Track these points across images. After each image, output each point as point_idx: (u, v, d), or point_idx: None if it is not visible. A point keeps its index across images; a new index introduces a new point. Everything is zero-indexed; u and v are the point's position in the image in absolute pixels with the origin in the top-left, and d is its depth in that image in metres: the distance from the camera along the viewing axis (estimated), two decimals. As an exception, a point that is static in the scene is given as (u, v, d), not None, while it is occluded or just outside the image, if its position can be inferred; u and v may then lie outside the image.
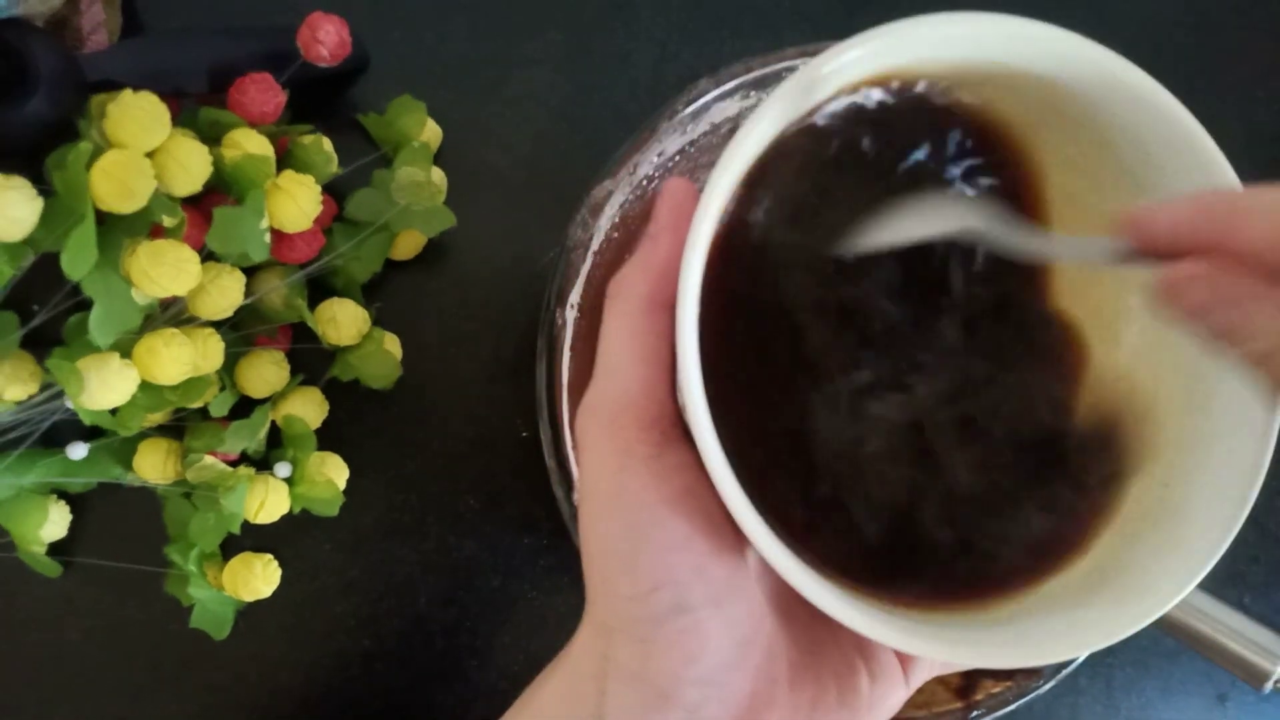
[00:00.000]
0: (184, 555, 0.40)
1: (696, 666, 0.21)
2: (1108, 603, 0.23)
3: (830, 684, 0.23)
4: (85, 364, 0.34)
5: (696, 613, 0.21)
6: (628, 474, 0.22)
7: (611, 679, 0.22)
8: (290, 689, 0.42)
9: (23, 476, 0.38)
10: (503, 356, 0.43)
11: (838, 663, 0.24)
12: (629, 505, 0.22)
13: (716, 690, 0.22)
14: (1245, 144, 0.46)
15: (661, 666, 0.21)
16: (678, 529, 0.22)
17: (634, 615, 0.22)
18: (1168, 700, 0.44)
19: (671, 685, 0.21)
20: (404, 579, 0.43)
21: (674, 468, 0.22)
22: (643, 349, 0.22)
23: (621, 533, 0.22)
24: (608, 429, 0.22)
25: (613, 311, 0.23)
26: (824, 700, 0.23)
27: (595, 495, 0.22)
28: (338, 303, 0.41)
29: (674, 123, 0.37)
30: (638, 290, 0.23)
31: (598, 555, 0.22)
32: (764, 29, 0.46)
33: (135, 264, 0.34)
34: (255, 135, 0.38)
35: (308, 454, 0.41)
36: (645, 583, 0.21)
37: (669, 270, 0.22)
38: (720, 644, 0.22)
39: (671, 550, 0.21)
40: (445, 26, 0.45)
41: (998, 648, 0.21)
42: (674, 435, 0.22)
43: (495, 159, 0.44)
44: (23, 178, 0.33)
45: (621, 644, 0.22)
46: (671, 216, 0.23)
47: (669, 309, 0.22)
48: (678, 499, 0.22)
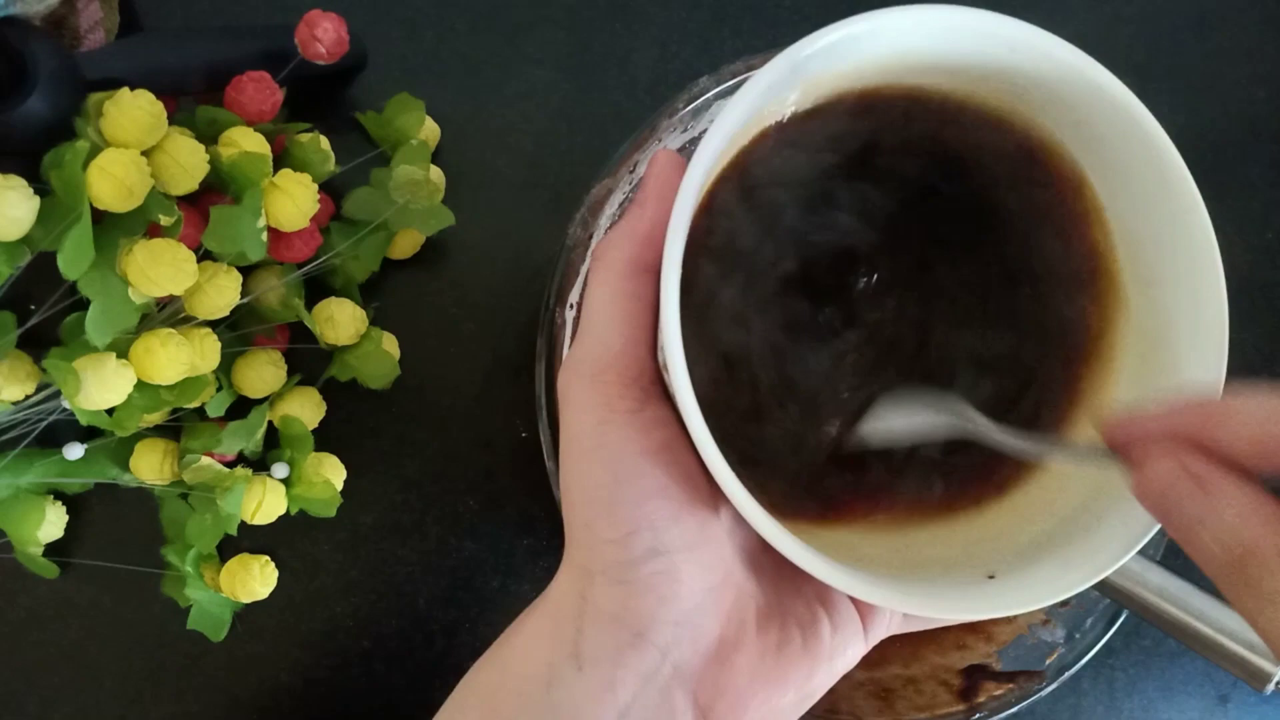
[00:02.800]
0: (181, 556, 0.40)
1: (670, 608, 0.23)
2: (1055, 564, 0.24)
3: (795, 630, 0.24)
4: (82, 364, 0.34)
5: (672, 556, 0.23)
6: (609, 426, 0.23)
7: (588, 619, 0.23)
8: (290, 689, 0.42)
9: (20, 477, 0.38)
10: (502, 356, 0.43)
11: (802, 611, 0.25)
12: (610, 455, 0.23)
13: (689, 631, 0.23)
14: (1245, 144, 0.46)
15: (638, 607, 0.23)
16: (656, 478, 0.23)
17: (613, 558, 0.23)
18: (1169, 701, 0.44)
19: (646, 625, 0.22)
20: (403, 579, 0.42)
21: (653, 422, 0.23)
22: (625, 310, 0.24)
23: (603, 480, 0.23)
24: (590, 385, 0.23)
25: (598, 274, 0.24)
26: (789, 645, 0.24)
27: (578, 446, 0.23)
28: (335, 302, 0.40)
29: (674, 121, 0.37)
30: (622, 254, 0.24)
31: (579, 502, 0.23)
32: (764, 27, 0.46)
33: (132, 263, 0.34)
34: (252, 134, 0.38)
35: (305, 454, 0.41)
36: (624, 526, 0.23)
37: (652, 237, 0.23)
38: (693, 588, 0.23)
39: (650, 497, 0.23)
40: (444, 25, 0.45)
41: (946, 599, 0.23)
42: (653, 393, 0.24)
43: (495, 158, 0.44)
44: (20, 177, 0.33)
45: (600, 585, 0.23)
46: (657, 185, 0.24)
47: (651, 273, 0.24)
48: (656, 452, 0.23)
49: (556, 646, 0.23)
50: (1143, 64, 0.46)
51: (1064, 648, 0.38)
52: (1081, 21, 0.46)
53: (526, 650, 0.24)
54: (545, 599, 0.25)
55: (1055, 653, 0.38)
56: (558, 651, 0.23)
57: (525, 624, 0.25)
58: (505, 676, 0.24)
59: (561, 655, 0.23)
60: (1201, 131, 0.45)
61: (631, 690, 0.22)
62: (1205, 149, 0.45)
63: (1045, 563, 0.24)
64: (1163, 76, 0.45)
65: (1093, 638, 0.38)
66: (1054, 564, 0.24)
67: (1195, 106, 0.46)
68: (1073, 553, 0.24)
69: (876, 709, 0.38)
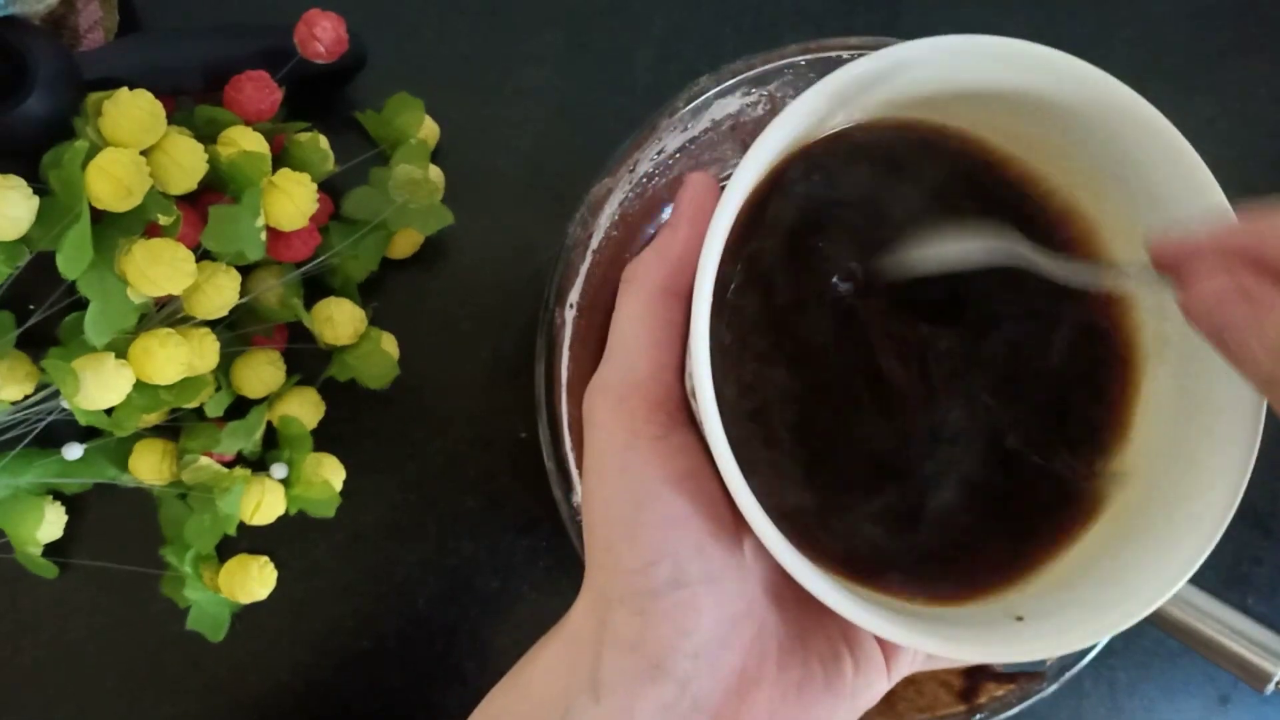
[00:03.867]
0: (180, 557, 0.39)
1: (690, 640, 0.22)
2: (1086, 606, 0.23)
3: (817, 668, 0.24)
4: (81, 364, 0.34)
5: (693, 587, 0.22)
6: (634, 451, 0.23)
7: (608, 647, 0.23)
8: (289, 690, 0.42)
9: (19, 477, 0.38)
10: (502, 356, 0.43)
11: (824, 649, 0.24)
12: (634, 480, 0.23)
13: (708, 664, 0.22)
14: (1245, 144, 0.46)
15: (657, 638, 0.22)
16: (679, 506, 0.22)
17: (633, 586, 0.22)
18: (1170, 702, 0.44)
19: (665, 656, 0.22)
20: (402, 580, 0.42)
21: (678, 449, 0.23)
22: (654, 334, 0.23)
23: (626, 505, 0.23)
24: (616, 408, 0.23)
25: (627, 295, 0.24)
26: (810, 683, 0.24)
27: (602, 469, 0.23)
28: (334, 302, 0.40)
29: (674, 120, 0.37)
30: (653, 277, 0.24)
31: (601, 526, 0.23)
32: (764, 26, 0.45)
33: (131, 263, 0.34)
34: (251, 133, 0.37)
35: (304, 455, 0.41)
36: (646, 555, 0.22)
37: (684, 261, 0.23)
38: (714, 619, 0.22)
39: (672, 526, 0.22)
40: (444, 24, 0.45)
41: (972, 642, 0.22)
42: (679, 419, 0.23)
43: (494, 157, 0.44)
44: (19, 176, 0.33)
45: (619, 614, 0.23)
46: (691, 209, 0.24)
47: (681, 297, 0.23)
48: (680, 479, 0.23)
49: (574, 675, 0.23)
50: (1144, 63, 0.46)
51: (1065, 648, 0.38)
52: (1082, 21, 0.46)
53: (545, 678, 0.24)
54: (564, 624, 0.24)
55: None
56: (575, 681, 0.23)
57: (544, 651, 0.25)
58: (523, 703, 0.24)
59: (579, 685, 0.23)
60: (1201, 131, 0.45)
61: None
62: (1204, 149, 0.45)
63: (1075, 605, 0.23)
64: (1163, 76, 0.45)
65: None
66: (1084, 607, 0.23)
67: (1195, 106, 0.46)
68: (1104, 595, 0.23)
69: (877, 709, 0.38)
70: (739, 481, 0.21)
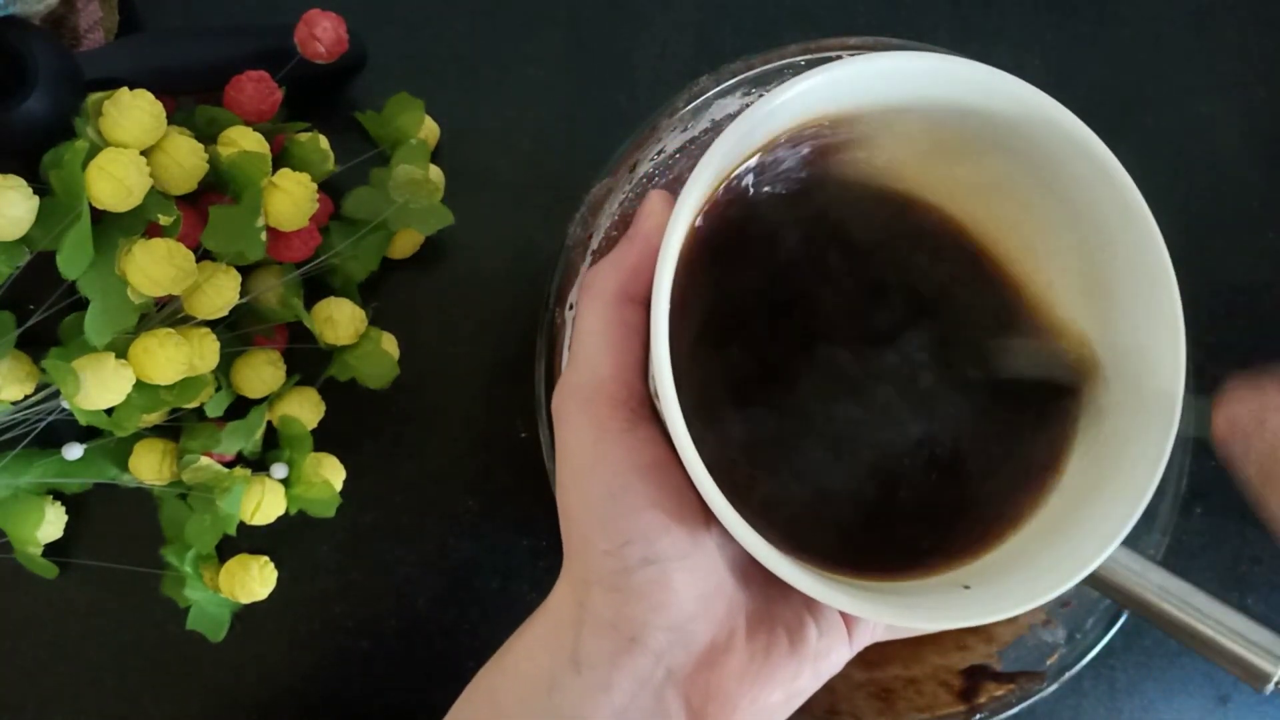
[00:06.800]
0: (180, 557, 0.39)
1: (663, 614, 0.24)
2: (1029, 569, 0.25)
3: (782, 634, 0.25)
4: (81, 364, 0.34)
5: (664, 565, 0.24)
6: (603, 445, 0.24)
7: (586, 625, 0.24)
8: (289, 690, 0.42)
9: (19, 477, 0.38)
10: (502, 356, 0.43)
11: (789, 617, 0.26)
12: (605, 472, 0.24)
13: (681, 636, 0.24)
14: (1245, 144, 0.46)
15: (632, 613, 0.24)
16: (647, 493, 0.24)
17: (608, 568, 0.24)
18: (1169, 702, 0.44)
19: (640, 631, 0.24)
20: (403, 580, 0.42)
21: (644, 442, 0.25)
22: (613, 337, 0.25)
23: (599, 495, 0.24)
24: (584, 407, 0.25)
25: (585, 302, 0.26)
26: (776, 647, 0.25)
27: (574, 464, 0.25)
28: (334, 302, 0.40)
29: (674, 120, 0.37)
30: (610, 285, 0.25)
31: (576, 516, 0.25)
32: (764, 26, 0.45)
33: (131, 263, 0.34)
34: (251, 133, 0.38)
35: (304, 455, 0.41)
36: (618, 538, 0.24)
37: (639, 269, 0.25)
38: (685, 595, 0.24)
39: (642, 510, 0.24)
40: (444, 24, 0.45)
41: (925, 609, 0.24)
42: (643, 415, 0.25)
43: (494, 158, 0.44)
44: (19, 176, 0.33)
45: (596, 594, 0.24)
46: (647, 223, 0.26)
47: (636, 303, 0.25)
48: (648, 469, 0.24)
49: (556, 651, 0.25)
50: (1143, 63, 0.46)
51: (1065, 648, 0.38)
52: (1081, 20, 0.46)
53: (529, 655, 0.25)
54: (545, 608, 0.26)
55: (1056, 653, 0.38)
56: (558, 656, 0.24)
57: (527, 631, 0.26)
58: (509, 680, 0.26)
59: (561, 660, 0.24)
60: (1201, 131, 0.45)
61: (627, 692, 0.24)
62: (1204, 149, 0.45)
63: (1020, 570, 0.25)
64: (1163, 76, 0.45)
65: (1093, 638, 0.38)
66: (1029, 570, 0.25)
67: (1195, 106, 0.46)
68: (1046, 558, 0.25)
69: (877, 710, 0.38)
70: (701, 470, 0.22)
